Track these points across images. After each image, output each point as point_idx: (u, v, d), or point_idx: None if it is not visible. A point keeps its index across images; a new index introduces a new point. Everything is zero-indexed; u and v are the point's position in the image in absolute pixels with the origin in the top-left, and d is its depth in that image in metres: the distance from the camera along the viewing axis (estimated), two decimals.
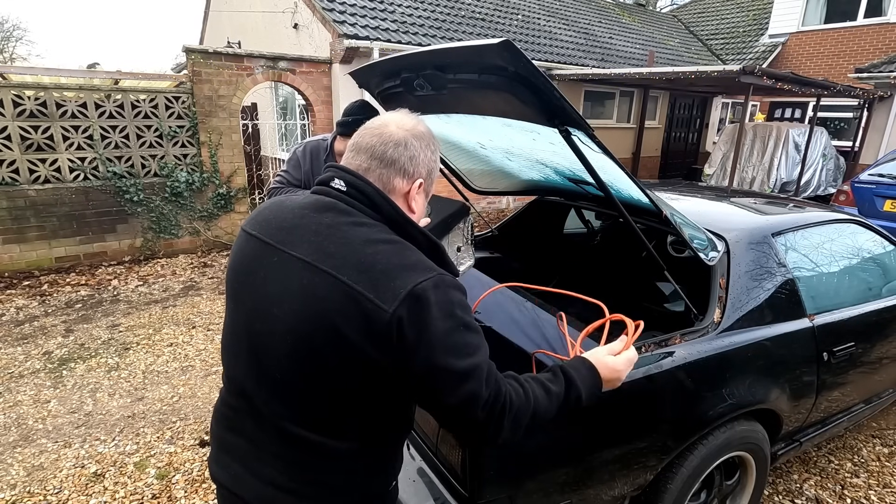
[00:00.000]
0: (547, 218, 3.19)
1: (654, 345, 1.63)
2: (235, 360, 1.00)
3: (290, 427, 0.93)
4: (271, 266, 0.92)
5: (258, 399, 0.96)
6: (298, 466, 0.95)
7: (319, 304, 0.85)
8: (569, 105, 1.28)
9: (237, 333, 1.00)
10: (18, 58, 26.75)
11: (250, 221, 1.02)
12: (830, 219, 2.34)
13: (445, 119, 1.88)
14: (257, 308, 0.93)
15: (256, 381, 0.95)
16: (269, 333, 0.91)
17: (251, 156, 7.62)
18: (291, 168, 2.60)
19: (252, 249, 0.97)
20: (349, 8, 7.19)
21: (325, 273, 0.86)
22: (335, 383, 0.89)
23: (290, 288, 0.89)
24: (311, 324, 0.86)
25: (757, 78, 6.32)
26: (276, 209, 1.00)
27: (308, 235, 0.91)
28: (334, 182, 0.95)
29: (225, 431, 1.03)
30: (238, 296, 0.99)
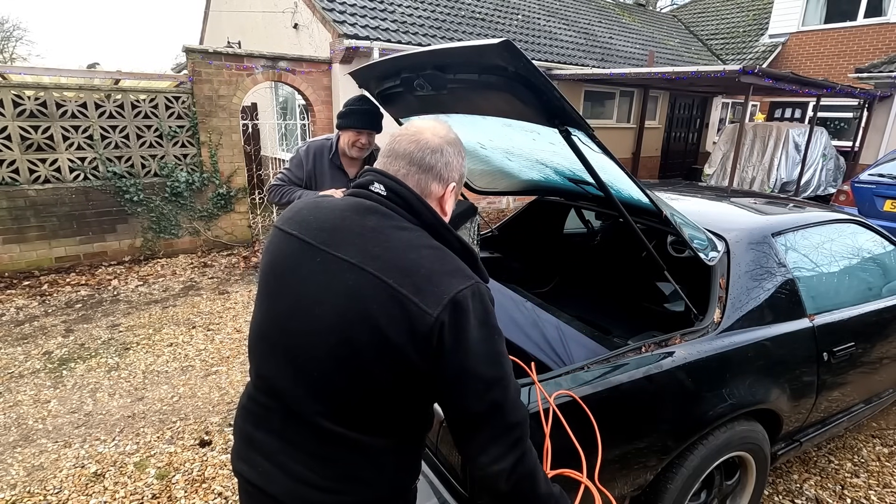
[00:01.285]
0: (547, 218, 3.19)
1: (655, 345, 1.63)
2: (268, 358, 1.00)
3: (325, 424, 0.94)
4: (313, 266, 0.94)
5: (293, 397, 0.96)
6: (331, 463, 0.96)
7: (364, 304, 0.88)
8: (569, 105, 1.28)
9: (270, 331, 1.00)
10: (18, 58, 26.75)
11: (287, 221, 1.03)
12: (830, 219, 2.34)
13: (445, 119, 1.88)
14: (296, 306, 0.95)
15: (292, 379, 0.96)
16: (309, 332, 0.93)
17: (251, 156, 7.62)
18: (294, 167, 2.60)
19: (291, 249, 0.98)
20: (349, 8, 7.19)
21: (370, 275, 0.88)
22: (373, 382, 0.91)
23: (334, 288, 0.91)
24: (355, 324, 0.89)
25: (757, 78, 6.32)
26: (315, 210, 1.01)
27: (352, 237, 0.93)
28: (374, 186, 0.98)
29: (252, 428, 1.03)
30: (274, 294, 0.99)
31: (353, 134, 2.44)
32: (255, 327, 1.05)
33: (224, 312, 4.37)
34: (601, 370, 1.53)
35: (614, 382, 1.50)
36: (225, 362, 3.52)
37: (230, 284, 5.09)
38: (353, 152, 2.49)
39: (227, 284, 5.08)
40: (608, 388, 1.49)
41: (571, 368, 1.51)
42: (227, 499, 2.28)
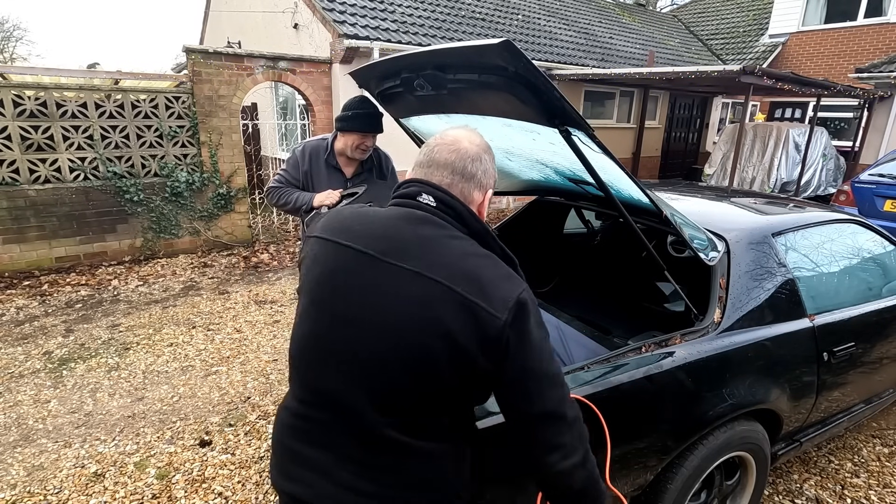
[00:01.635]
0: (547, 218, 3.19)
1: (655, 345, 1.63)
2: (321, 369, 0.98)
3: (389, 433, 0.94)
4: (374, 275, 0.94)
5: (352, 407, 0.95)
6: (391, 471, 0.96)
7: (434, 312, 0.90)
8: (569, 105, 1.28)
9: (325, 342, 0.98)
10: (18, 58, 26.75)
11: (331, 231, 1.03)
12: (830, 219, 2.34)
13: (445, 119, 1.88)
14: (356, 316, 0.94)
15: (352, 389, 0.95)
16: (371, 341, 0.93)
17: (251, 156, 7.62)
18: (290, 167, 2.59)
19: (345, 258, 0.98)
20: (349, 8, 7.19)
21: (438, 283, 0.91)
22: (440, 387, 0.93)
23: (401, 296, 0.92)
24: (425, 330, 0.90)
25: (757, 78, 6.32)
26: (361, 219, 1.02)
27: (410, 247, 0.95)
28: (422, 197, 1.01)
29: (300, 445, 1.00)
30: (328, 304, 0.98)
31: (357, 137, 2.42)
32: (302, 340, 1.02)
33: (224, 312, 4.37)
34: (601, 370, 1.53)
35: (614, 382, 1.50)
36: (225, 362, 3.52)
37: (230, 284, 5.09)
38: (355, 154, 2.48)
39: (228, 284, 5.08)
40: (608, 388, 1.49)
41: (571, 368, 1.51)
42: (227, 499, 2.28)
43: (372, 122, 2.40)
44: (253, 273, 5.47)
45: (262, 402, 3.03)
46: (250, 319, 4.23)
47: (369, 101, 2.41)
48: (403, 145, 3.17)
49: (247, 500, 2.27)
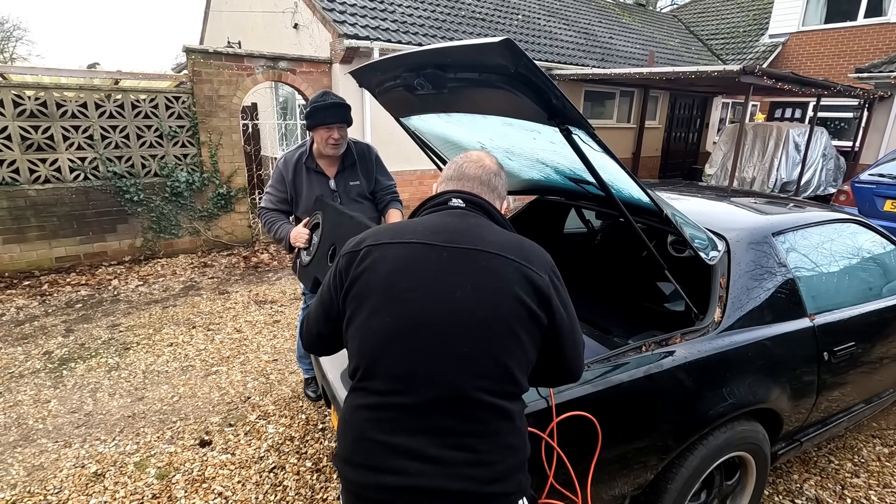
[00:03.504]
0: (547, 217, 3.19)
1: (655, 344, 1.63)
2: (407, 355, 1.05)
3: (484, 397, 1.03)
4: (443, 259, 1.09)
5: (450, 379, 1.03)
6: (486, 437, 1.04)
7: (500, 278, 1.07)
8: (569, 104, 1.28)
9: (408, 329, 1.06)
10: (18, 58, 26.75)
11: (385, 234, 1.16)
12: (831, 219, 2.34)
13: (446, 118, 1.88)
14: (436, 297, 1.06)
15: (443, 363, 1.03)
16: (455, 313, 1.05)
17: (251, 156, 7.61)
18: (276, 183, 2.56)
19: (413, 251, 1.11)
20: (349, 8, 7.19)
21: (497, 255, 1.09)
22: (517, 344, 1.06)
23: (471, 271, 1.08)
24: (499, 296, 1.06)
25: (757, 78, 6.32)
26: (407, 225, 1.19)
27: (464, 232, 1.13)
28: (452, 201, 1.21)
29: (391, 435, 1.04)
30: (404, 294, 1.08)
31: (324, 131, 2.36)
32: (385, 331, 1.07)
33: (224, 312, 4.37)
34: (601, 369, 1.53)
35: (615, 382, 1.50)
36: (225, 362, 3.52)
37: (230, 284, 5.09)
38: (328, 150, 2.43)
39: (228, 284, 5.08)
40: (608, 388, 1.49)
41: None
42: (227, 499, 2.28)
43: (336, 112, 2.33)
44: (253, 273, 5.47)
45: (262, 402, 3.03)
46: (250, 319, 4.23)
47: (330, 92, 2.37)
48: (403, 145, 3.17)
49: (247, 500, 2.27)
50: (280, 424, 2.82)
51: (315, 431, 2.76)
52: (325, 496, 2.30)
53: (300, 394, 3.11)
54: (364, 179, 2.61)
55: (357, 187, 2.59)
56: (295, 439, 2.69)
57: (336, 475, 2.42)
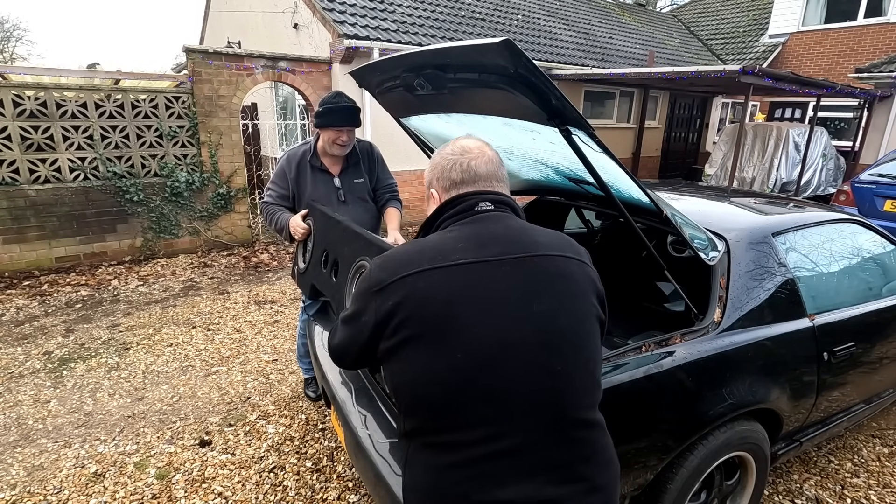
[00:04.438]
0: (547, 218, 3.19)
1: (655, 344, 1.63)
2: (498, 393, 0.92)
3: (586, 415, 0.97)
4: (506, 274, 0.97)
5: (550, 409, 0.93)
6: (593, 457, 0.97)
7: (568, 280, 1.01)
8: (569, 104, 1.28)
9: (487, 363, 0.92)
10: (18, 58, 26.75)
11: (421, 260, 0.98)
12: (831, 219, 2.34)
13: (446, 119, 1.88)
14: (512, 319, 0.95)
15: (541, 390, 0.93)
16: (539, 331, 0.95)
17: (251, 156, 7.61)
18: (278, 179, 2.57)
19: (465, 274, 0.97)
20: (349, 8, 7.19)
21: (556, 256, 1.02)
22: (596, 345, 1.02)
23: (540, 278, 0.99)
24: (573, 299, 1.00)
25: (757, 78, 6.32)
26: (446, 243, 1.02)
27: (512, 239, 1.02)
28: (480, 205, 1.08)
29: (499, 488, 0.90)
30: (473, 325, 0.93)
31: (333, 132, 2.39)
32: (452, 376, 0.92)
33: (224, 312, 4.37)
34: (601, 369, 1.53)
35: (614, 382, 1.50)
36: (225, 362, 3.52)
37: (230, 284, 5.09)
38: (334, 150, 2.45)
39: (227, 284, 5.08)
40: (608, 388, 1.49)
41: None
42: (227, 499, 2.28)
43: (347, 115, 2.36)
44: (253, 273, 5.47)
45: (262, 402, 3.03)
46: (250, 319, 4.23)
47: (344, 95, 2.39)
48: (403, 145, 3.17)
49: (247, 500, 2.27)
50: (280, 424, 2.82)
51: (315, 431, 2.76)
52: (325, 496, 2.30)
53: (300, 394, 3.11)
54: (367, 177, 2.63)
55: (362, 185, 2.61)
56: (295, 439, 2.69)
57: (335, 475, 2.42)
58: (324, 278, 2.17)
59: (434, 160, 1.17)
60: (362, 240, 1.83)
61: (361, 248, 1.81)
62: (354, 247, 1.88)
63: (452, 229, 1.06)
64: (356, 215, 2.50)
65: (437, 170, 1.15)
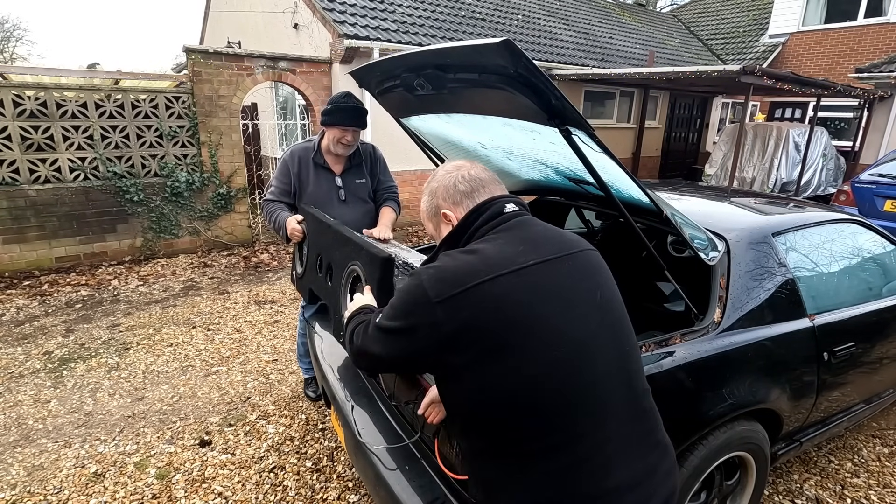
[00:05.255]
0: (547, 218, 3.17)
1: (655, 344, 1.63)
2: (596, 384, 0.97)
3: (646, 385, 1.07)
4: (569, 271, 1.04)
5: (631, 388, 1.03)
6: (659, 424, 1.08)
7: (606, 270, 1.10)
8: (569, 104, 1.28)
9: (581, 358, 0.96)
10: (18, 58, 26.75)
11: (491, 267, 0.98)
12: (831, 219, 2.34)
13: (446, 119, 1.88)
14: (589, 312, 1.01)
15: (622, 373, 1.01)
16: (610, 320, 1.04)
17: (251, 156, 7.62)
18: (281, 175, 2.58)
19: (538, 275, 1.00)
20: (349, 8, 7.19)
21: (587, 251, 1.10)
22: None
23: (592, 272, 1.07)
24: (614, 286, 1.09)
25: (757, 78, 6.32)
26: (505, 247, 1.03)
27: (555, 237, 1.09)
28: (508, 207, 1.13)
29: (616, 469, 0.95)
30: (560, 323, 0.97)
31: (338, 131, 2.41)
32: (563, 372, 0.94)
33: (224, 312, 4.37)
34: None
35: None
36: (225, 362, 3.52)
37: (230, 284, 5.09)
38: (338, 149, 2.47)
39: (228, 284, 5.08)
40: None
41: None
42: (227, 499, 2.28)
43: (354, 116, 2.38)
44: (253, 273, 5.47)
45: (262, 402, 3.03)
46: (250, 319, 4.23)
47: (352, 95, 2.40)
48: (403, 145, 3.17)
49: (247, 500, 2.27)
50: (280, 424, 2.82)
51: (315, 431, 2.76)
52: (324, 496, 2.30)
53: (300, 394, 3.11)
54: (369, 178, 2.65)
55: (363, 186, 2.62)
56: (295, 439, 2.69)
57: (335, 475, 2.42)
58: (320, 282, 2.18)
59: (431, 189, 1.21)
60: (352, 244, 1.83)
61: (352, 253, 1.81)
62: (345, 251, 1.88)
63: (498, 236, 1.06)
64: (356, 216, 2.50)
65: (441, 191, 1.18)
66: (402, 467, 1.56)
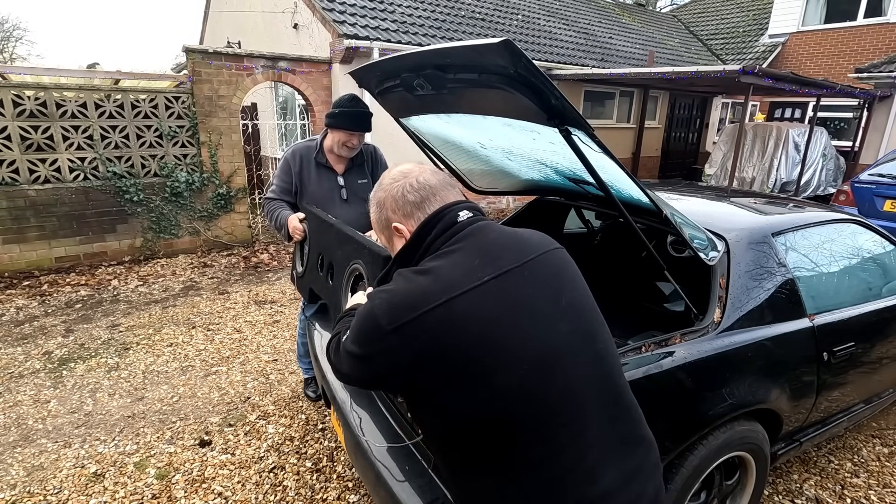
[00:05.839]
0: (547, 218, 3.19)
1: (654, 344, 1.63)
2: (569, 394, 0.94)
3: (624, 380, 1.05)
4: (529, 278, 0.99)
5: (607, 389, 1.00)
6: (641, 418, 1.07)
7: (571, 268, 1.07)
8: (569, 104, 1.27)
9: (551, 359, 0.94)
10: (18, 58, 26.75)
11: (444, 289, 0.94)
12: (830, 219, 2.34)
13: (446, 119, 1.88)
14: (552, 319, 0.98)
15: (596, 377, 0.99)
16: (576, 321, 1.00)
17: (251, 156, 7.61)
18: (282, 174, 2.59)
19: (496, 290, 0.95)
20: (349, 8, 7.19)
21: (551, 251, 1.06)
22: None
23: (552, 273, 1.03)
24: (580, 284, 1.06)
25: (757, 78, 6.32)
26: (460, 263, 0.99)
27: (513, 244, 1.04)
28: (461, 216, 1.07)
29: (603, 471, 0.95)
30: (523, 331, 0.94)
31: (344, 135, 2.43)
32: (533, 384, 0.92)
33: (224, 312, 4.37)
34: None
35: None
36: (225, 362, 3.52)
37: (230, 284, 5.09)
38: (342, 151, 2.49)
39: (227, 284, 5.08)
40: None
41: None
42: (227, 499, 2.28)
43: (360, 121, 2.40)
44: (253, 273, 5.47)
45: (261, 402, 3.03)
46: (250, 319, 4.23)
47: (359, 99, 2.41)
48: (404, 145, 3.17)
49: (247, 500, 2.27)
50: (280, 424, 2.82)
51: (315, 431, 2.76)
52: (325, 496, 2.30)
53: (300, 394, 3.11)
54: (371, 179, 2.67)
55: (365, 186, 2.64)
56: (295, 439, 2.69)
57: (335, 475, 2.42)
58: (321, 282, 2.17)
59: (378, 199, 1.14)
60: (354, 242, 1.83)
61: (354, 251, 1.81)
62: (347, 250, 1.88)
63: (452, 249, 1.01)
64: (357, 215, 2.50)
65: (389, 202, 1.11)
66: (402, 467, 1.56)
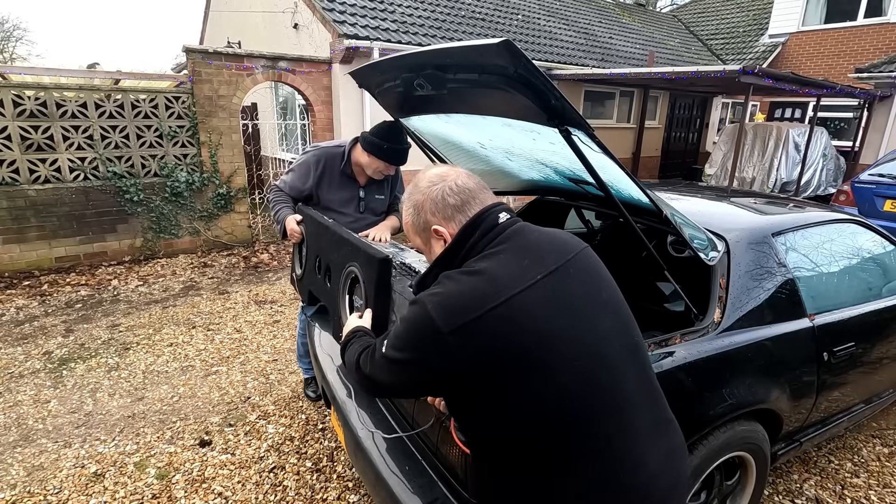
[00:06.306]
0: (547, 218, 3.18)
1: (654, 345, 1.63)
2: (613, 388, 0.99)
3: (653, 368, 1.10)
4: (574, 278, 1.03)
5: (644, 379, 1.05)
6: (664, 397, 1.10)
7: (601, 265, 1.11)
8: (569, 105, 1.28)
9: (599, 353, 0.99)
10: (18, 58, 26.75)
11: (499, 290, 0.95)
12: (830, 219, 2.34)
13: (446, 119, 1.88)
14: (596, 310, 1.03)
15: (635, 369, 1.04)
16: (617, 317, 1.06)
17: (251, 156, 7.62)
18: (301, 174, 2.54)
19: (547, 287, 0.99)
20: (349, 8, 7.19)
21: (583, 250, 1.10)
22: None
23: (590, 270, 1.08)
24: (611, 279, 1.11)
25: (757, 78, 6.32)
26: (508, 264, 1.01)
27: (552, 244, 1.07)
28: (501, 217, 1.11)
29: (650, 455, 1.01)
30: (573, 328, 0.98)
31: (383, 165, 2.41)
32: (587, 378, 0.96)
33: (224, 312, 4.37)
34: None
35: None
36: (225, 362, 3.52)
37: (230, 284, 5.09)
38: (375, 175, 2.49)
39: (227, 284, 5.08)
40: None
41: None
42: (227, 499, 2.28)
43: (401, 157, 2.41)
44: (253, 273, 5.47)
45: (262, 402, 3.03)
46: (250, 319, 4.23)
47: (403, 135, 2.35)
48: None
49: (247, 500, 2.27)
50: (280, 424, 2.82)
51: (315, 431, 2.76)
52: (324, 496, 2.30)
53: (300, 394, 3.11)
54: (388, 195, 2.70)
55: (381, 202, 2.67)
56: (295, 439, 2.69)
57: (335, 475, 2.42)
58: (319, 284, 2.18)
59: (415, 202, 1.14)
60: (350, 245, 1.83)
61: (350, 254, 1.81)
62: (342, 252, 1.88)
63: (496, 251, 1.03)
64: (365, 227, 2.50)
65: (428, 205, 1.12)
66: (402, 467, 1.56)
